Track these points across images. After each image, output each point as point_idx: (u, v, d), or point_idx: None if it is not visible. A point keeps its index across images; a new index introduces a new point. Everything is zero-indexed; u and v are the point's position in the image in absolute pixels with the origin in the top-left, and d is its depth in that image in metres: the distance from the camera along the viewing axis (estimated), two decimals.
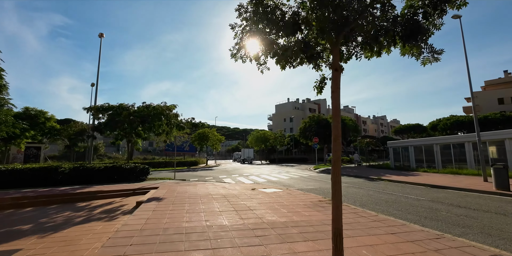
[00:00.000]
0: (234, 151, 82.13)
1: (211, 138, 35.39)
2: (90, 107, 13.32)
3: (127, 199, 8.87)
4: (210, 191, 9.43)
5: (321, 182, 13.60)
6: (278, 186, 11.71)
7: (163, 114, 13.29)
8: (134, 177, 13.35)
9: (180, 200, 7.62)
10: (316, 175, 18.27)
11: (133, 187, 10.64)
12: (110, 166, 12.70)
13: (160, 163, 29.95)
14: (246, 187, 10.91)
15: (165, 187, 10.76)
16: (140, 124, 13.35)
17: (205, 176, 17.83)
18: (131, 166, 13.29)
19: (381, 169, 22.69)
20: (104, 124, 13.46)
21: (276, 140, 45.25)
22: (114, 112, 13.35)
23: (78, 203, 8.21)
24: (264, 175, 18.46)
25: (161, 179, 14.42)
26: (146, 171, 13.89)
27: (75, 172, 11.71)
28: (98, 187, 10.57)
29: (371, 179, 14.80)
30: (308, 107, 74.16)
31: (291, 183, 13.49)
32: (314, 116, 29.51)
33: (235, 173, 20.18)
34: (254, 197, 8.08)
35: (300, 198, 8.07)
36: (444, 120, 46.63)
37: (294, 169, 25.69)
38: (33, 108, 21.11)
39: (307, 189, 10.89)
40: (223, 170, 25.23)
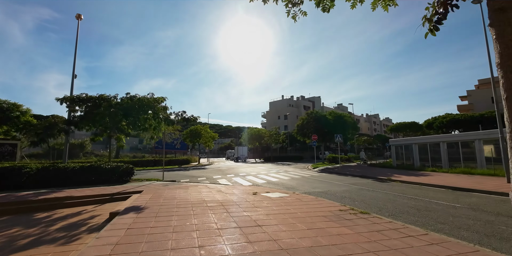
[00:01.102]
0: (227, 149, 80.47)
1: (204, 135, 33.67)
2: (64, 97, 11.51)
3: (102, 208, 7.24)
4: (204, 197, 7.88)
5: (328, 184, 12.23)
6: (281, 189, 10.25)
7: (150, 107, 11.60)
8: (116, 178, 11.66)
9: (167, 210, 6.06)
10: (317, 175, 16.92)
11: (112, 191, 8.99)
12: (87, 166, 10.97)
13: (149, 161, 28.12)
14: (246, 190, 9.41)
15: (150, 191, 9.15)
16: (123, 117, 11.63)
17: (197, 176, 16.23)
18: (112, 166, 11.60)
19: (383, 168, 21.56)
20: (80, 117, 11.67)
21: (271, 137, 43.86)
22: (93, 103, 11.58)
23: (37, 213, 6.54)
24: (262, 175, 17.00)
25: (147, 181, 12.77)
26: (130, 171, 12.21)
27: (44, 173, 9.95)
28: (70, 191, 8.87)
29: (381, 180, 13.53)
30: (302, 104, 73.09)
31: (295, 185, 12.07)
32: (312, 113, 28.20)
33: (230, 173, 18.65)
34: (258, 205, 6.58)
35: (314, 206, 6.62)
36: (440, 118, 46.14)
37: (291, 168, 24.34)
38: (5, 101, 18.97)
39: (316, 193, 9.48)
40: (216, 169, 23.65)
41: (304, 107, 72.75)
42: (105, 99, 11.81)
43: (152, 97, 12.17)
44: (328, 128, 26.64)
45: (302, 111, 71.51)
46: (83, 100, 11.76)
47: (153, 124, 12.41)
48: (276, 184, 12.18)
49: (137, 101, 11.83)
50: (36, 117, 23.86)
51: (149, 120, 12.22)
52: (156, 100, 11.97)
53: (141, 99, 11.88)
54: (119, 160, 26.26)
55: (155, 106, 11.66)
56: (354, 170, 19.72)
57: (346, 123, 27.20)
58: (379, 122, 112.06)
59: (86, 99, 11.81)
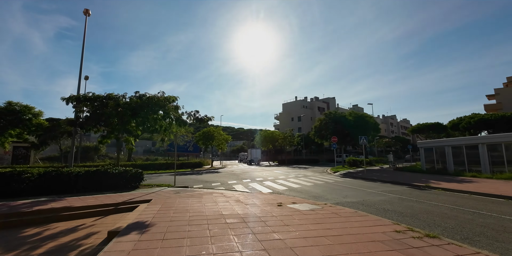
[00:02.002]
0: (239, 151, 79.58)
1: (217, 138, 32.68)
2: (70, 97, 10.70)
3: (103, 222, 6.18)
4: (221, 209, 6.68)
5: (359, 192, 10.76)
6: (308, 199, 8.93)
7: (160, 106, 10.59)
8: (123, 184, 10.70)
9: (177, 229, 4.89)
10: (341, 180, 15.42)
11: (117, 199, 7.97)
12: (92, 171, 10.05)
13: (161, 164, 27.38)
14: (268, 200, 8.15)
15: (159, 200, 8.06)
16: (131, 118, 10.68)
17: (211, 182, 15.12)
18: (120, 170, 10.64)
19: (413, 173, 19.72)
20: (85, 117, 10.83)
21: (286, 140, 42.36)
22: (99, 103, 10.70)
23: (26, 229, 5.54)
24: (281, 180, 15.67)
25: (157, 186, 11.75)
26: (139, 176, 11.23)
27: (46, 179, 9.08)
28: (71, 200, 7.91)
29: (418, 187, 11.91)
30: (317, 105, 71.11)
31: (320, 192, 10.68)
32: (330, 113, 26.56)
33: (246, 177, 17.44)
34: (289, 223, 5.31)
35: (358, 224, 5.28)
36: (466, 119, 43.14)
37: (309, 172, 22.85)
38: (17, 103, 18.64)
39: (350, 204, 8.09)
40: (230, 173, 22.52)
41: (318, 108, 70.76)
42: (112, 98, 10.93)
43: (162, 96, 11.18)
44: (349, 129, 24.94)
45: (316, 113, 69.57)
46: (90, 99, 10.92)
47: (163, 125, 11.42)
48: (300, 192, 10.83)
49: (146, 100, 10.86)
50: (53, 121, 23.57)
51: (160, 121, 11.23)
52: (166, 99, 10.97)
53: (150, 97, 10.91)
54: (131, 163, 25.63)
55: (166, 105, 10.64)
56: (380, 175, 18.03)
57: (368, 124, 25.42)
58: (396, 123, 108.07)
59: (92, 98, 10.97)
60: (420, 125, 47.37)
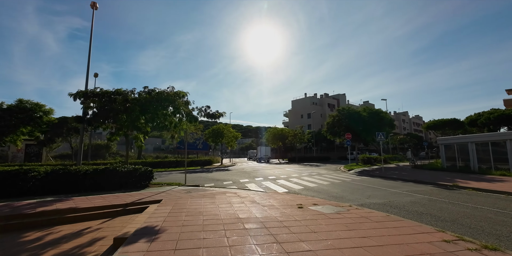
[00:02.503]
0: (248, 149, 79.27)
1: (227, 135, 32.22)
2: (77, 92, 10.32)
3: (110, 225, 5.69)
4: (237, 211, 6.10)
5: (382, 192, 10.01)
6: (329, 199, 8.26)
7: (170, 101, 10.07)
8: (132, 182, 10.28)
9: (191, 235, 4.34)
10: (359, 179, 14.64)
11: (126, 200, 7.51)
12: (101, 169, 9.65)
13: (171, 162, 27.15)
14: (286, 201, 7.53)
15: (170, 200, 7.55)
16: (140, 114, 10.22)
17: (222, 180, 14.61)
18: (129, 169, 10.22)
19: (434, 171, 18.72)
20: (93, 114, 10.43)
21: (296, 137, 41.56)
22: (108, 99, 10.28)
23: (27, 232, 5.11)
24: (294, 178, 15.02)
25: (168, 185, 11.30)
26: (148, 175, 10.80)
27: (53, 177, 8.72)
28: (77, 200, 7.50)
29: (446, 187, 11.05)
30: (326, 102, 69.82)
31: (340, 192, 9.98)
32: (343, 109, 25.58)
33: (258, 176, 16.86)
34: (316, 229, 4.67)
35: (396, 230, 4.60)
36: (485, 114, 41.34)
37: (322, 169, 22.09)
38: (28, 101, 18.57)
39: (377, 206, 7.38)
40: (241, 170, 22.00)
41: (328, 105, 69.49)
42: (121, 93, 10.49)
43: (172, 91, 10.66)
44: (363, 126, 23.94)
45: (326, 110, 68.32)
46: (98, 95, 10.51)
47: (173, 121, 10.92)
48: (318, 192, 10.16)
49: (155, 96, 10.37)
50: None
51: (170, 117, 10.74)
52: (176, 94, 10.45)
53: (160, 93, 10.41)
54: (141, 161, 25.45)
55: (176, 101, 10.12)
56: (399, 173, 17.14)
57: (383, 121, 24.35)
58: (408, 120, 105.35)
59: (100, 93, 10.56)
60: (435, 121, 45.70)
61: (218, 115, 11.10)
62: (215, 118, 11.09)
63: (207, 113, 11.00)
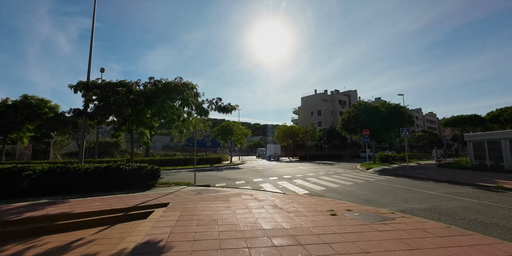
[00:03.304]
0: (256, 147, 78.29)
1: (236, 132, 31.23)
2: (78, 84, 9.45)
3: (107, 235, 4.73)
4: (259, 220, 5.05)
5: (417, 194, 8.78)
6: (360, 203, 7.11)
7: (178, 92, 9.07)
8: (138, 182, 9.37)
9: (205, 254, 3.31)
10: (383, 179, 13.39)
11: (128, 203, 6.57)
12: (103, 167, 8.77)
13: (179, 160, 26.36)
14: (312, 205, 6.43)
15: (179, 204, 6.57)
16: (145, 107, 9.27)
17: (234, 179, 13.60)
18: (133, 167, 9.30)
19: (462, 170, 17.29)
20: (95, 107, 9.55)
21: (307, 134, 40.23)
22: (110, 90, 9.36)
23: (6, 246, 4.19)
24: (311, 177, 13.88)
25: (176, 185, 10.37)
26: (155, 174, 9.87)
27: (50, 176, 7.88)
28: (74, 202, 6.60)
29: (489, 189, 9.72)
30: (337, 99, 67.92)
31: (369, 194, 8.80)
32: (360, 104, 24.14)
33: (271, 175, 15.79)
34: (367, 247, 3.57)
35: (476, 251, 3.45)
36: (509, 110, 39.00)
37: (338, 168, 20.84)
38: (33, 96, 18.01)
39: (421, 212, 6.20)
40: (252, 169, 20.97)
41: (339, 102, 67.65)
42: (124, 85, 9.55)
43: (180, 82, 9.66)
44: (381, 122, 22.52)
45: (337, 106, 66.52)
46: (99, 86, 9.61)
47: (181, 114, 9.94)
48: (343, 194, 9.01)
49: (162, 87, 9.40)
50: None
51: (177, 110, 9.76)
52: (185, 84, 9.44)
53: (167, 83, 9.43)
54: (149, 159, 24.75)
55: (184, 92, 9.11)
56: (426, 173, 15.77)
57: (403, 116, 22.83)
58: (421, 117, 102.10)
59: (102, 85, 9.65)
60: (454, 118, 43.53)
61: (231, 108, 10.05)
62: (227, 112, 10.05)
63: (218, 106, 9.97)
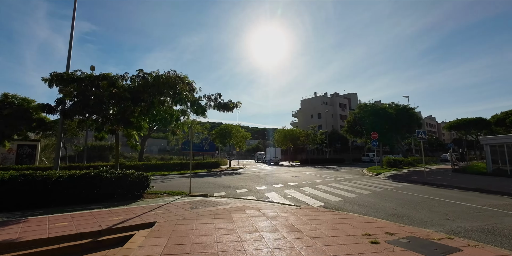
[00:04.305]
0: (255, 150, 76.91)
1: (235, 135, 29.80)
2: (52, 76, 8.02)
3: None
4: (276, 252, 3.62)
5: (455, 207, 7.39)
6: (393, 220, 5.69)
7: (170, 86, 7.68)
8: (122, 192, 7.91)
9: None
10: (400, 186, 12.01)
11: (104, 222, 5.11)
12: (79, 175, 7.29)
13: (175, 164, 24.83)
14: (337, 225, 5.01)
15: (168, 224, 5.12)
16: (131, 104, 7.86)
17: (235, 187, 12.14)
18: (117, 175, 7.83)
19: (479, 176, 16.05)
20: (72, 103, 8.10)
21: (309, 137, 38.90)
22: (89, 83, 7.94)
23: None
24: (320, 185, 12.45)
25: (168, 195, 8.90)
26: (143, 182, 8.41)
27: (10, 187, 6.39)
28: (32, 223, 5.13)
29: None
30: (338, 102, 66.89)
31: (398, 208, 7.40)
32: (366, 106, 22.89)
33: (275, 181, 14.34)
34: None
35: None
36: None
37: (345, 173, 19.45)
38: (14, 95, 16.51)
39: (483, 235, 4.80)
40: (253, 174, 19.51)
41: (339, 105, 66.58)
42: (107, 78, 8.12)
43: (174, 75, 8.27)
44: (390, 124, 21.25)
45: (337, 109, 65.44)
46: (79, 79, 8.18)
47: (175, 113, 8.54)
48: (366, 206, 7.60)
49: (152, 80, 8.00)
50: None
51: (170, 108, 8.35)
52: (179, 77, 8.06)
53: (157, 76, 8.03)
54: (142, 164, 23.19)
55: (178, 85, 7.71)
56: (445, 179, 14.41)
57: (412, 118, 21.60)
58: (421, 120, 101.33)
59: (82, 78, 8.21)
60: (459, 121, 42.48)
61: (232, 105, 8.67)
62: (228, 110, 8.67)
63: (218, 103, 8.59)
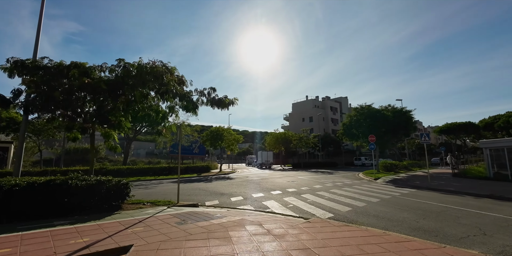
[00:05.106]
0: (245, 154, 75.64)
1: (227, 138, 28.55)
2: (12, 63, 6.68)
3: None
4: None
5: (484, 218, 6.52)
6: (424, 236, 4.69)
7: (156, 77, 6.50)
8: (96, 203, 6.60)
9: None
10: (407, 192, 11.16)
11: (60, 248, 3.85)
12: (41, 183, 5.96)
13: (162, 169, 23.30)
14: (362, 245, 3.95)
15: (147, 250, 3.91)
16: (108, 97, 6.62)
17: (228, 194, 10.94)
18: (90, 182, 6.52)
19: (482, 181, 15.47)
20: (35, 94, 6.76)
21: (301, 141, 38.08)
22: (56, 72, 6.64)
23: None
24: (321, 191, 11.43)
25: (152, 205, 7.63)
26: (121, 191, 7.11)
27: None
28: None
29: None
30: (329, 105, 66.70)
31: (420, 219, 6.44)
32: (363, 108, 22.24)
33: (271, 187, 13.24)
34: None
35: None
36: (504, 117, 38.67)
37: (342, 178, 18.59)
38: None
39: None
40: (246, 179, 18.33)
41: (330, 108, 66.43)
42: (79, 66, 6.83)
43: (162, 65, 7.10)
44: (387, 127, 20.63)
45: (328, 113, 65.24)
46: (45, 68, 6.86)
47: (161, 111, 7.34)
48: (383, 218, 6.60)
49: (134, 70, 6.80)
50: None
51: (154, 105, 7.15)
52: (166, 67, 6.89)
53: (141, 65, 6.83)
54: (127, 168, 21.52)
55: (164, 75, 6.54)
56: (449, 184, 13.71)
57: (409, 121, 21.09)
58: None
59: (48, 67, 6.90)
60: (449, 125, 42.79)
61: (228, 101, 7.55)
62: (224, 107, 7.54)
63: (211, 98, 7.46)
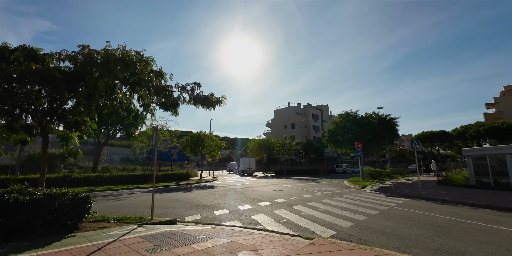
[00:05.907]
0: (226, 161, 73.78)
1: (208, 143, 27.11)
2: None
3: None
4: None
5: (502, 234, 5.87)
6: None
7: (126, 64, 5.30)
8: (44, 223, 5.15)
9: None
10: (401, 202, 10.55)
11: None
12: None
13: (137, 176, 21.30)
14: None
15: None
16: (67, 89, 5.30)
17: (211, 207, 9.68)
18: (37, 196, 5.06)
19: (466, 189, 15.44)
20: None
21: (284, 147, 37.41)
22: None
23: None
24: (312, 202, 10.52)
25: (119, 223, 6.24)
26: (79, 207, 5.69)
27: None
28: None
29: None
30: (310, 112, 67.26)
31: (434, 237, 5.66)
32: (349, 115, 21.99)
33: (258, 197, 12.12)
34: None
35: None
36: (474, 127, 40.66)
37: (328, 186, 17.92)
38: None
39: None
40: (229, 188, 17.06)
41: (312, 116, 66.96)
42: (26, 49, 5.46)
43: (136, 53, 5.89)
44: (373, 134, 20.46)
45: (310, 120, 65.67)
46: None
47: (133, 109, 6.09)
48: (392, 236, 5.75)
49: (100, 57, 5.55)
50: None
51: (125, 100, 5.90)
52: (139, 54, 5.70)
53: (108, 53, 5.59)
54: (95, 176, 19.36)
55: (138, 62, 5.35)
56: (439, 193, 13.39)
57: (394, 129, 21.13)
58: None
59: None
60: (425, 133, 44.32)
61: (215, 100, 6.46)
62: (210, 106, 6.42)
63: (195, 95, 6.33)
